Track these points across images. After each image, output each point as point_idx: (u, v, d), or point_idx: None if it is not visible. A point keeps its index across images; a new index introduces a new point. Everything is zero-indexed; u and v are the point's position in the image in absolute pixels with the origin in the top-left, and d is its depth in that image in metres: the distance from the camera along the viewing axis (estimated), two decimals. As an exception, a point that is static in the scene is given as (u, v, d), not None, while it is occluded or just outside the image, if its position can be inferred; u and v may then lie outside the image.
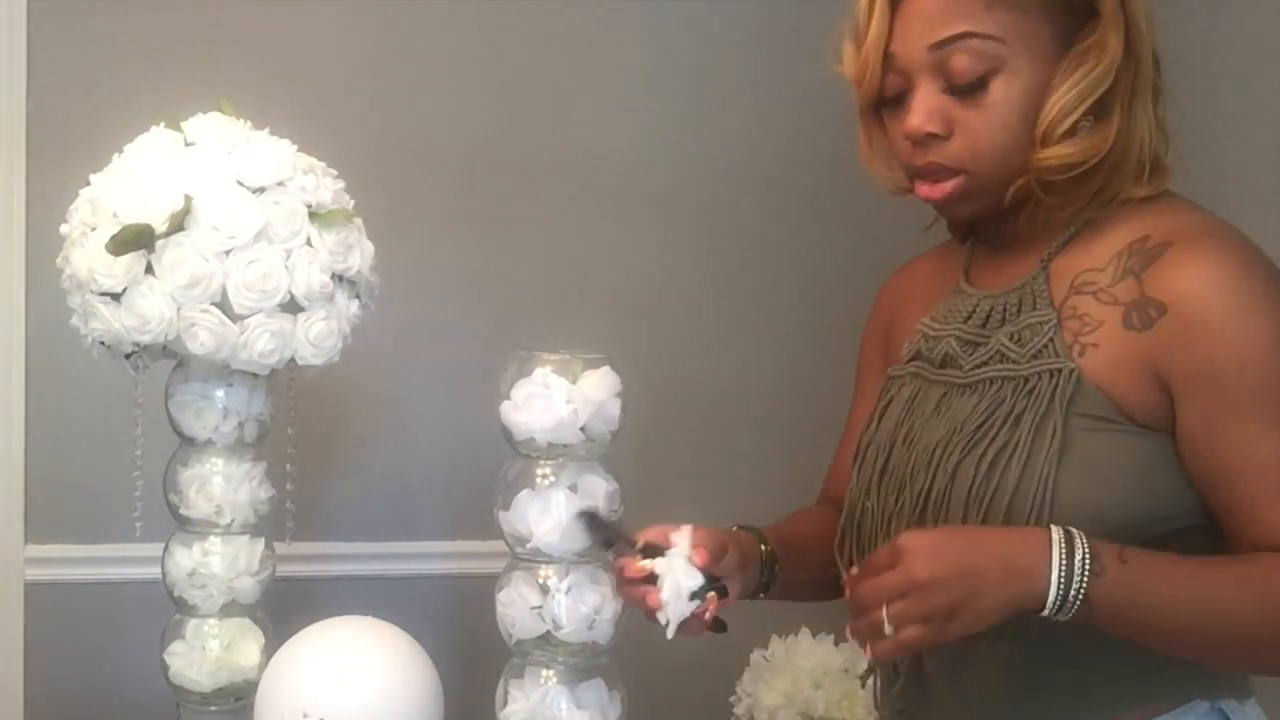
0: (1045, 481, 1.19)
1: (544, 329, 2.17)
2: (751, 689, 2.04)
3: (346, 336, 1.66)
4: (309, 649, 1.61)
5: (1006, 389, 1.25)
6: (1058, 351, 1.24)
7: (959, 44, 1.22)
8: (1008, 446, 1.22)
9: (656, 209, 2.30)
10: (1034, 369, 1.24)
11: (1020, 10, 1.23)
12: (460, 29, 2.23)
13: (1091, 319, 1.23)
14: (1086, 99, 1.22)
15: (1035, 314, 1.27)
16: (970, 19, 1.22)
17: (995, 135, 1.24)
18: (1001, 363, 1.27)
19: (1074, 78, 1.22)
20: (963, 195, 1.28)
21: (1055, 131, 1.23)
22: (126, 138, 1.65)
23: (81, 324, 1.63)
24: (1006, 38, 1.22)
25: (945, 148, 1.26)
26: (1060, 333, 1.24)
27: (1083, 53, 1.23)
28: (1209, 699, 1.27)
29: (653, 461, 2.21)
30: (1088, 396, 1.21)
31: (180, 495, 1.73)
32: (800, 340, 2.33)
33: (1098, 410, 1.21)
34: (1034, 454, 1.20)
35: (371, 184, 1.80)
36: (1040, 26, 1.23)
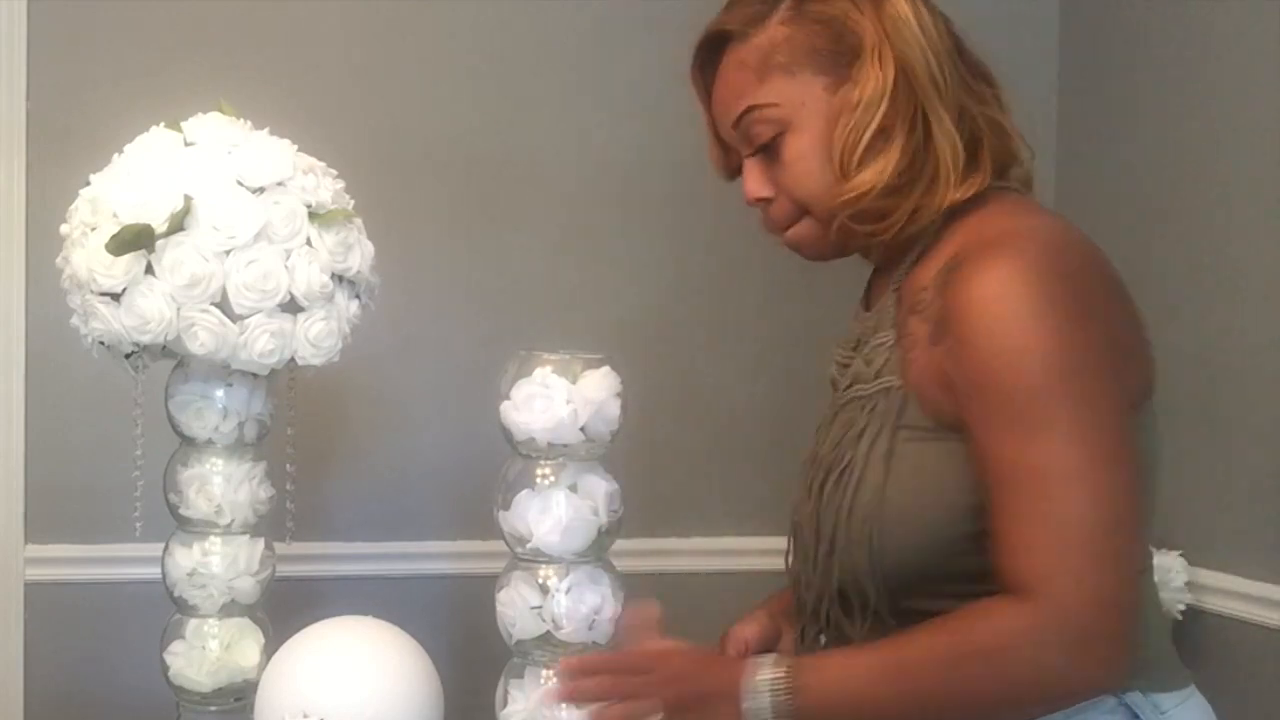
0: (876, 490, 1.28)
1: (544, 329, 2.17)
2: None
3: (346, 336, 1.66)
4: (309, 649, 1.61)
5: (855, 408, 1.35)
6: (893, 369, 1.31)
7: (747, 117, 1.37)
8: (852, 463, 1.31)
9: (657, 209, 2.30)
10: (876, 387, 1.33)
11: (788, 73, 1.35)
12: (460, 29, 2.23)
13: (915, 336, 1.30)
14: (865, 130, 1.31)
15: (881, 335, 1.35)
16: (749, 94, 1.36)
17: (802, 184, 1.36)
18: (858, 384, 1.36)
19: (845, 116, 1.32)
20: (815, 234, 1.39)
21: (849, 165, 1.32)
22: (126, 138, 1.65)
23: (81, 324, 1.63)
24: (782, 101, 1.35)
25: (778, 207, 1.40)
26: (897, 351, 1.32)
27: (846, 92, 1.33)
28: (1115, 694, 1.26)
29: (653, 461, 2.21)
30: (911, 410, 1.29)
31: (180, 495, 1.73)
32: (800, 340, 2.33)
33: (919, 422, 1.28)
34: (869, 467, 1.29)
35: (371, 184, 1.80)
36: (811, 80, 1.34)
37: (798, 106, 1.35)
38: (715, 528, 2.31)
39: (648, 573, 1.86)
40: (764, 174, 1.39)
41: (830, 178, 1.34)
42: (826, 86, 1.34)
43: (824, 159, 1.34)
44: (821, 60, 1.34)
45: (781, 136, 1.36)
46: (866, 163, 1.32)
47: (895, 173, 1.32)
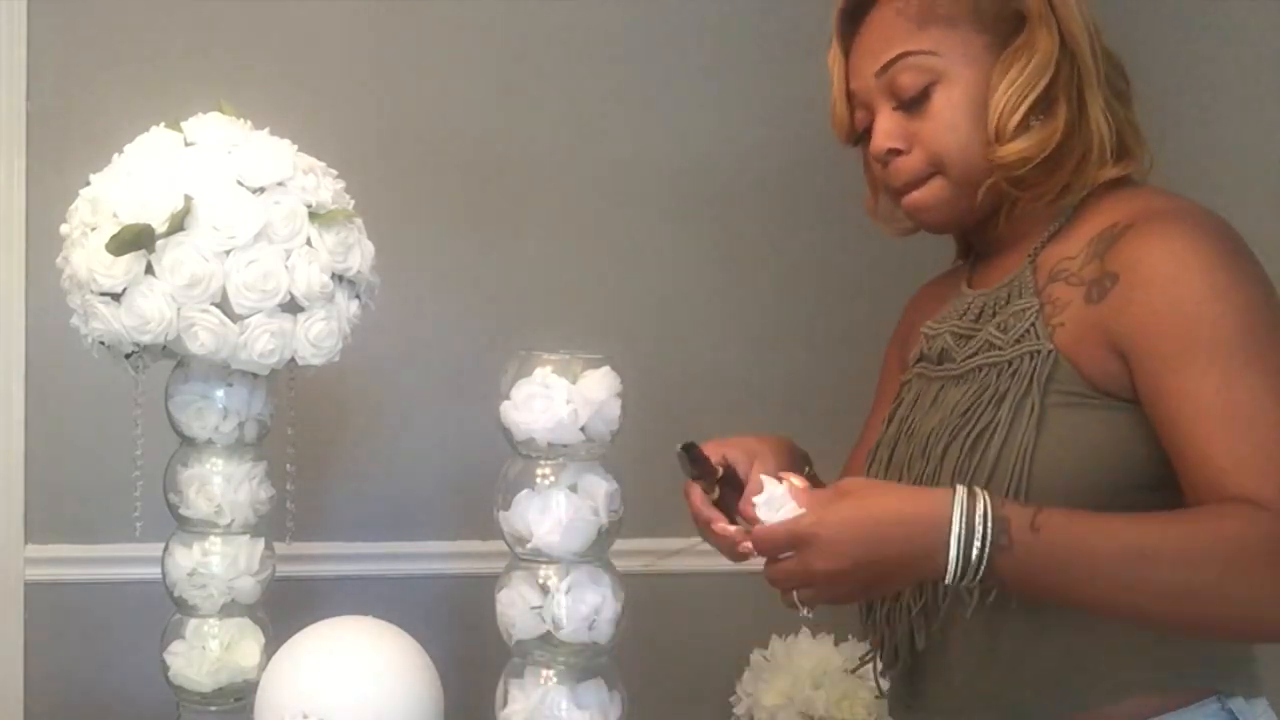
0: (1023, 455, 1.24)
1: (544, 329, 2.17)
2: (751, 689, 2.04)
3: (346, 336, 1.66)
4: (309, 649, 1.61)
5: (992, 374, 1.31)
6: (1038, 335, 1.29)
7: (898, 64, 1.35)
8: (990, 426, 1.27)
9: (657, 209, 2.30)
10: (1016, 353, 1.29)
11: (950, 24, 1.34)
12: (461, 29, 2.23)
13: (1062, 300, 1.29)
14: (1027, 95, 1.31)
15: (1020, 303, 1.33)
16: (905, 40, 1.35)
17: (945, 138, 1.34)
18: (989, 351, 1.33)
19: (1009, 77, 1.31)
20: (943, 197, 1.37)
21: (1006, 128, 1.31)
22: (126, 138, 1.65)
23: (81, 324, 1.63)
24: (940, 50, 1.34)
25: (909, 161, 1.37)
26: (1041, 317, 1.30)
27: (1013, 54, 1.32)
28: (1219, 697, 1.27)
29: (653, 461, 2.21)
30: (1063, 373, 1.26)
31: (180, 495, 1.73)
32: (801, 340, 2.33)
33: (1072, 386, 1.26)
34: (1013, 430, 1.25)
35: (371, 184, 1.80)
36: (972, 36, 1.34)
37: (956, 58, 1.33)
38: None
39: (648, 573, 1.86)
40: (899, 126, 1.37)
41: (979, 137, 1.33)
42: (988, 45, 1.33)
43: (975, 117, 1.33)
44: (985, 18, 1.34)
45: (932, 87, 1.34)
46: (1022, 129, 1.31)
47: (1054, 145, 1.31)
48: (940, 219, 1.40)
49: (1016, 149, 1.31)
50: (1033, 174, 1.32)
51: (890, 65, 1.35)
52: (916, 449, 1.35)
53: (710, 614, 2.23)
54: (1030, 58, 1.31)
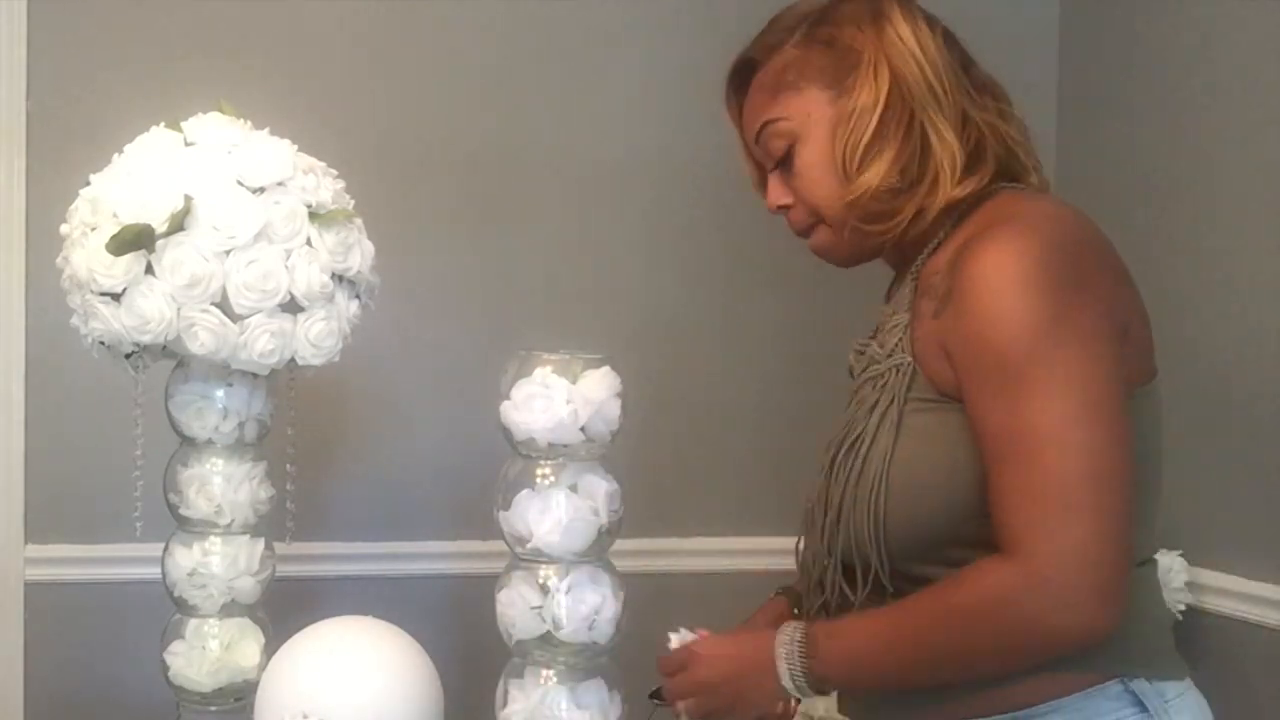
0: (884, 457, 1.35)
1: (544, 329, 2.17)
2: (751, 689, 2.03)
3: (346, 336, 1.66)
4: (309, 649, 1.61)
5: (868, 387, 1.42)
6: (905, 348, 1.39)
7: (764, 132, 1.49)
8: (863, 434, 1.39)
9: (657, 209, 2.30)
10: (888, 365, 1.40)
11: (795, 89, 1.46)
12: (461, 30, 2.23)
13: (924, 314, 1.38)
14: (862, 135, 1.41)
15: (896, 318, 1.43)
16: (765, 110, 1.48)
17: (812, 191, 1.47)
18: (873, 365, 1.44)
19: (844, 123, 1.43)
20: (831, 242, 1.49)
21: (851, 168, 1.42)
22: (126, 138, 1.65)
23: (81, 324, 1.63)
24: (790, 115, 1.46)
25: (796, 214, 1.50)
26: (908, 331, 1.40)
27: (843, 103, 1.44)
28: (1121, 679, 1.32)
29: (653, 461, 2.21)
30: (918, 382, 1.37)
31: (180, 495, 1.73)
32: (800, 341, 2.33)
33: (926, 393, 1.36)
34: (878, 437, 1.37)
35: (371, 184, 1.80)
36: (818, 95, 1.45)
37: (804, 118, 1.46)
38: (715, 528, 2.31)
39: (648, 573, 1.86)
40: (783, 184, 1.50)
41: (836, 182, 1.44)
42: (830, 100, 1.45)
43: (830, 165, 1.45)
44: (825, 76, 1.45)
45: (794, 147, 1.47)
46: (866, 165, 1.42)
47: (893, 173, 1.41)
48: (836, 259, 1.52)
49: (862, 184, 1.41)
50: (885, 205, 1.42)
51: (759, 134, 1.49)
52: (823, 457, 1.47)
53: (710, 614, 2.23)
54: (857, 102, 1.42)
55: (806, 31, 1.47)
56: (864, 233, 1.45)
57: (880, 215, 1.43)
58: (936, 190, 1.41)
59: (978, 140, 1.43)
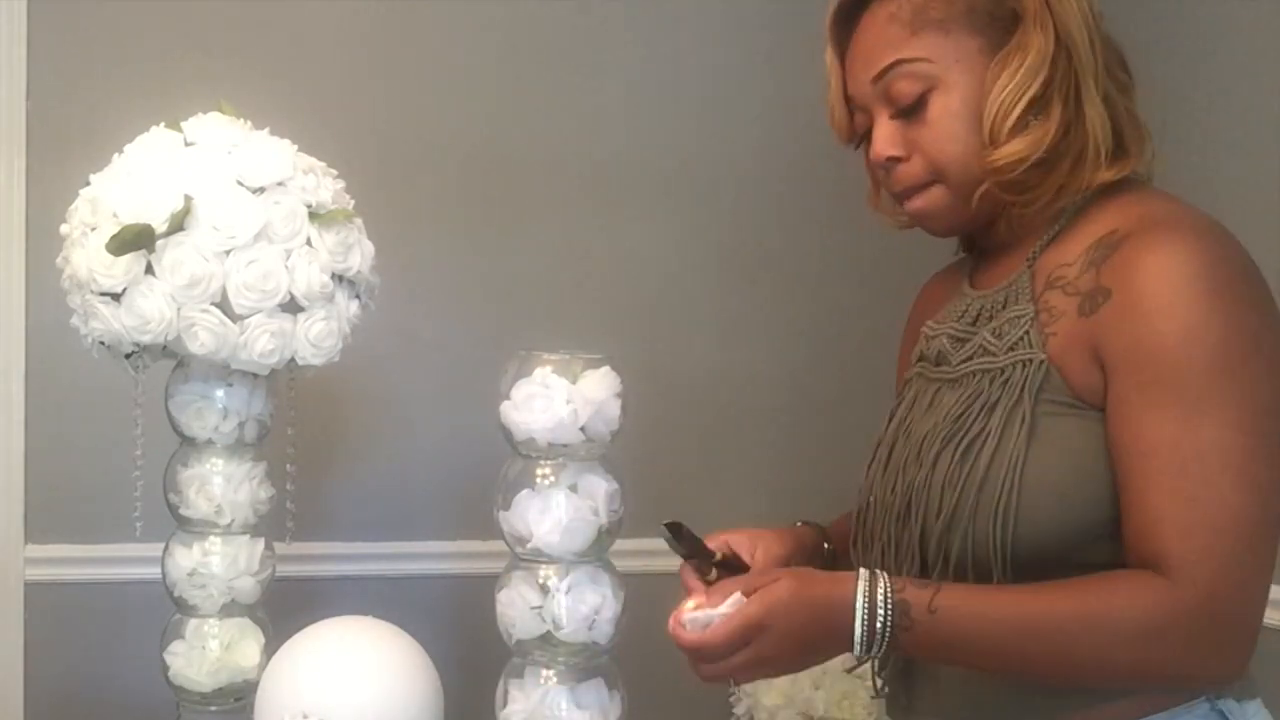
0: (1014, 465, 1.24)
1: (544, 329, 2.17)
2: (751, 689, 2.04)
3: (346, 336, 1.66)
4: (309, 649, 1.61)
5: (984, 380, 1.31)
6: (1032, 343, 1.28)
7: (893, 72, 1.33)
8: (981, 434, 1.27)
9: (657, 209, 2.30)
10: (1010, 360, 1.29)
11: (943, 30, 1.32)
12: (461, 30, 2.23)
13: (1057, 310, 1.28)
14: (1021, 97, 1.29)
15: (1015, 309, 1.32)
16: (899, 47, 1.33)
17: (945, 146, 1.33)
18: (983, 356, 1.32)
19: (1002, 79, 1.30)
20: (944, 204, 1.36)
21: (1000, 131, 1.30)
22: (126, 138, 1.65)
23: (81, 324, 1.63)
24: (934, 57, 1.32)
25: (909, 168, 1.36)
26: (1035, 325, 1.29)
27: (1007, 56, 1.30)
28: (1209, 699, 1.26)
29: (653, 461, 2.21)
30: (1053, 383, 1.26)
31: (180, 495, 1.73)
32: (800, 340, 2.33)
33: (1062, 396, 1.25)
34: (1004, 439, 1.25)
35: (371, 184, 1.80)
36: (966, 40, 1.32)
37: (950, 64, 1.31)
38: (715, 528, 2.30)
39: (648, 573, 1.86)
40: (899, 133, 1.35)
41: (975, 142, 1.31)
42: (982, 48, 1.31)
43: (972, 122, 1.31)
44: (978, 20, 1.31)
45: (928, 94, 1.32)
46: (1018, 131, 1.29)
47: (1049, 145, 1.29)
48: (942, 225, 1.39)
49: (1010, 151, 1.29)
50: (1026, 177, 1.30)
51: (885, 73, 1.34)
52: (912, 452, 1.35)
53: (710, 614, 2.23)
54: (1024, 59, 1.29)
55: None
56: (998, 201, 1.32)
57: (1020, 186, 1.30)
58: (1081, 168, 1.30)
59: (1116, 118, 1.32)
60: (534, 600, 1.60)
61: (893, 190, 1.39)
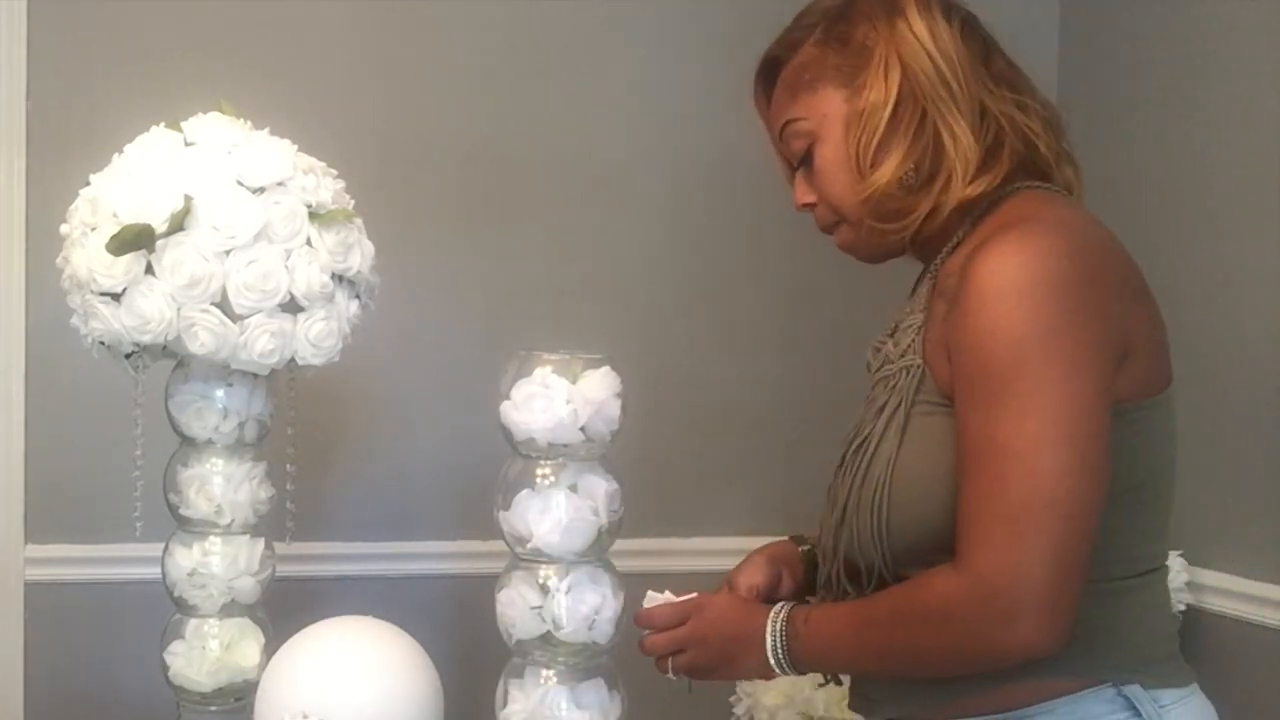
0: (889, 461, 1.35)
1: (544, 329, 2.17)
2: (751, 689, 2.04)
3: (346, 336, 1.66)
4: (309, 649, 1.61)
5: (881, 386, 1.42)
6: (916, 349, 1.39)
7: (785, 131, 1.50)
8: (871, 435, 1.39)
9: (657, 209, 2.30)
10: (900, 366, 1.40)
11: (812, 89, 1.46)
12: (460, 30, 2.23)
13: (938, 315, 1.37)
14: (874, 132, 1.41)
15: (912, 318, 1.42)
16: (785, 110, 1.49)
17: (832, 190, 1.46)
18: (886, 365, 1.43)
19: (855, 121, 1.43)
20: (853, 239, 1.49)
21: (864, 165, 1.42)
22: (126, 138, 1.65)
23: (81, 324, 1.63)
24: (808, 115, 1.47)
25: (821, 211, 1.50)
26: (922, 332, 1.39)
27: (856, 102, 1.43)
28: (1114, 684, 1.32)
29: (653, 461, 2.21)
30: (927, 385, 1.36)
31: (180, 495, 1.73)
32: (800, 341, 2.33)
33: (934, 397, 1.35)
34: (885, 439, 1.37)
35: (371, 184, 1.80)
36: (831, 93, 1.45)
37: (821, 118, 1.46)
38: (715, 528, 2.31)
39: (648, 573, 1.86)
40: (807, 183, 1.50)
41: (852, 180, 1.44)
42: (845, 98, 1.44)
43: (845, 163, 1.44)
44: (840, 74, 1.45)
45: (812, 147, 1.47)
46: (879, 162, 1.41)
47: (904, 169, 1.41)
48: (863, 256, 1.51)
49: (873, 181, 1.41)
50: (895, 205, 1.41)
51: (781, 132, 1.50)
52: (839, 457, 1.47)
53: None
54: (869, 99, 1.41)
55: (825, 29, 1.47)
56: (879, 230, 1.44)
57: (894, 213, 1.42)
58: (950, 188, 1.40)
59: (996, 134, 1.41)
60: (534, 600, 1.60)
61: (819, 229, 1.53)
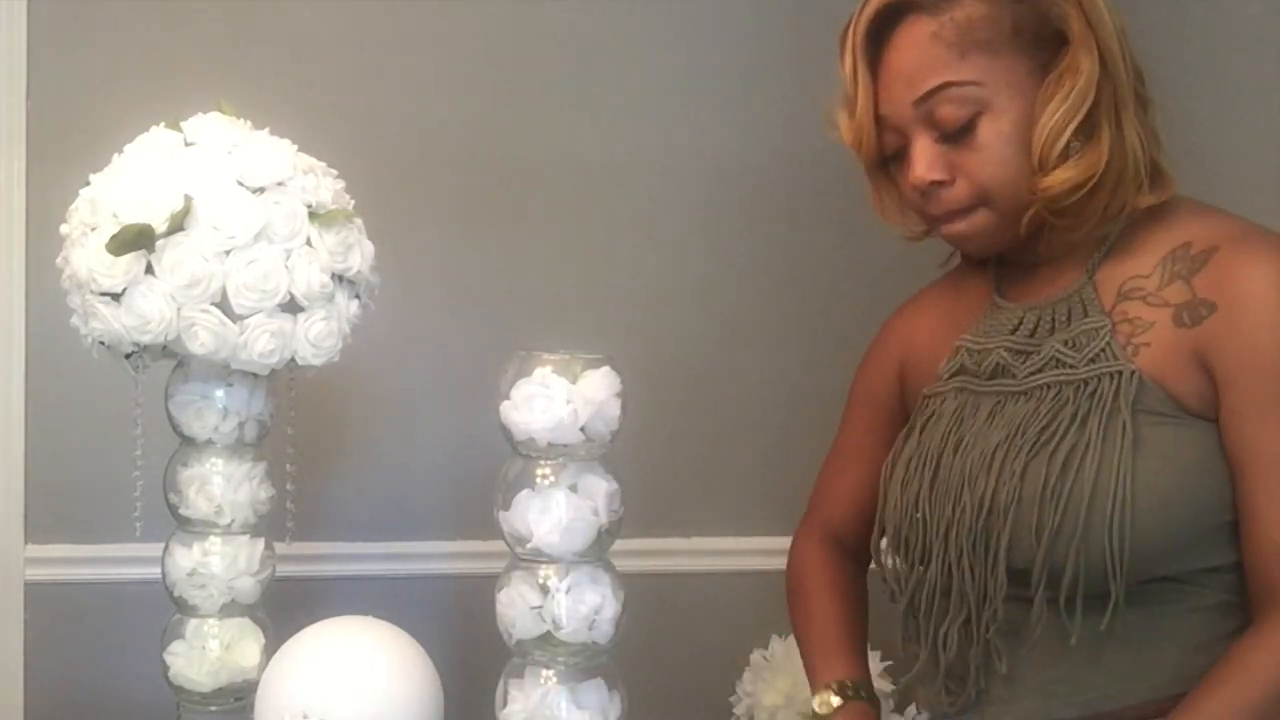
0: (1124, 476, 1.22)
1: (544, 329, 2.17)
2: (751, 689, 2.04)
3: (346, 336, 1.66)
4: (309, 649, 1.61)
5: (1067, 392, 1.29)
6: (1115, 354, 1.28)
7: (940, 94, 1.29)
8: (1079, 446, 1.25)
9: (657, 209, 2.30)
10: (1093, 372, 1.28)
11: (992, 52, 1.28)
12: (460, 29, 2.23)
13: (1143, 321, 1.28)
14: (1071, 120, 1.27)
15: (1087, 320, 1.31)
16: (946, 70, 1.29)
17: (994, 171, 1.30)
18: (1058, 368, 1.31)
19: (1054, 103, 1.27)
20: (987, 228, 1.34)
21: (1050, 156, 1.28)
22: (126, 138, 1.65)
23: (81, 324, 1.63)
24: (983, 80, 1.28)
25: (952, 192, 1.33)
26: (1114, 336, 1.29)
27: (1058, 78, 1.28)
28: None
29: (653, 461, 2.21)
30: (1149, 393, 1.26)
31: (180, 495, 1.73)
32: (800, 341, 2.33)
33: (1159, 406, 1.25)
34: (1107, 451, 1.24)
35: (371, 184, 1.80)
36: (1015, 63, 1.28)
37: (1000, 87, 1.28)
38: (715, 528, 2.31)
39: (648, 573, 1.86)
40: (943, 156, 1.32)
41: (1025, 166, 1.29)
42: (1030, 70, 1.29)
43: (1021, 146, 1.29)
44: (1025, 41, 1.28)
45: (977, 118, 1.29)
46: (1068, 156, 1.27)
47: (1098, 170, 1.28)
48: (982, 248, 1.38)
49: (1061, 178, 1.27)
50: (1075, 201, 1.29)
51: (930, 95, 1.30)
52: (976, 466, 1.32)
53: (710, 614, 2.23)
54: (1075, 82, 1.26)
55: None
56: (1044, 224, 1.31)
57: (1069, 210, 1.29)
58: (1122, 189, 1.30)
59: (1149, 133, 1.33)
60: (534, 600, 1.60)
61: (931, 212, 1.36)
